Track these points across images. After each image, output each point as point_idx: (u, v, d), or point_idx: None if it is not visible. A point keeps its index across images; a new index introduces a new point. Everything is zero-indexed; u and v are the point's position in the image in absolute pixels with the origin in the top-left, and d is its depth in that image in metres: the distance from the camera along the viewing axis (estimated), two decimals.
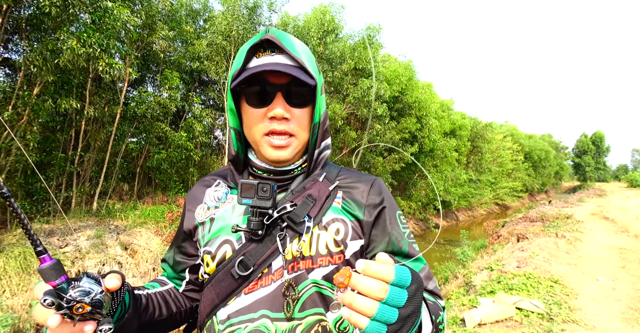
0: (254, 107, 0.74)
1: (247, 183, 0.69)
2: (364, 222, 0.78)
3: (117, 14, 5.79)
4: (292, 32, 10.47)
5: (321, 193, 0.78)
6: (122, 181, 8.97)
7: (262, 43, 0.73)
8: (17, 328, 4.03)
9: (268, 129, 0.73)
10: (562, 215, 11.45)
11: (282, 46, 0.71)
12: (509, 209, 26.29)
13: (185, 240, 0.85)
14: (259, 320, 0.70)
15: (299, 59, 0.72)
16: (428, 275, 0.77)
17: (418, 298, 0.48)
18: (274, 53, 0.73)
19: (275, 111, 0.71)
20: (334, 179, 0.82)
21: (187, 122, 9.22)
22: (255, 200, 0.69)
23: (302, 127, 0.76)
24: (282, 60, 0.73)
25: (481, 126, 22.52)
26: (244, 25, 9.33)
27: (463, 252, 7.42)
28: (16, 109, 5.45)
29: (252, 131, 0.75)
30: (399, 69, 12.40)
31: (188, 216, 0.84)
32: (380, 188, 0.82)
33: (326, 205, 0.77)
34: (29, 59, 5.17)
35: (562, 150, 57.06)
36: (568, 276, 5.14)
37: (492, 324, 3.62)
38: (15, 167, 5.90)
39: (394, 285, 0.46)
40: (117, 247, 5.88)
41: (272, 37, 0.71)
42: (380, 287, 0.45)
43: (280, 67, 0.69)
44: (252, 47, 0.73)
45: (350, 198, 0.80)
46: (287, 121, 0.73)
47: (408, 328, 0.47)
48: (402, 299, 0.46)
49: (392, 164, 13.29)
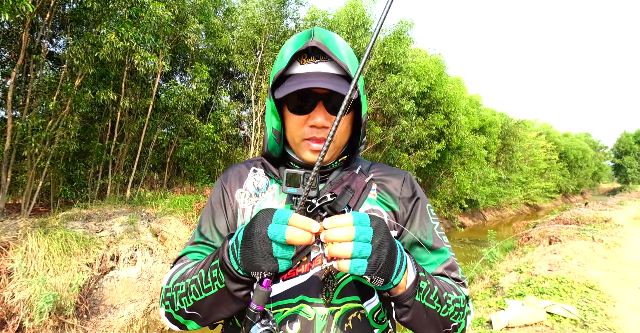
0: (295, 114, 0.76)
1: (293, 172, 0.71)
2: (399, 214, 0.81)
3: (153, 8, 5.98)
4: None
5: (358, 185, 0.80)
6: (153, 171, 9.35)
7: (307, 48, 0.73)
8: (59, 306, 4.32)
9: (308, 135, 0.75)
10: (599, 218, 10.82)
11: (330, 53, 0.71)
12: (540, 210, 25.23)
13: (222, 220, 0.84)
14: (297, 305, 0.72)
15: (345, 66, 0.71)
16: (452, 266, 0.80)
17: (382, 229, 0.57)
18: (319, 60, 0.74)
19: (316, 121, 0.73)
20: (368, 172, 0.85)
21: (214, 114, 9.44)
22: (301, 189, 0.70)
23: (341, 133, 0.78)
24: (326, 69, 0.73)
25: (513, 123, 21.59)
26: (274, 18, 9.38)
27: (490, 253, 7.20)
28: (60, 100, 5.78)
29: (292, 134, 0.78)
30: (428, 65, 12.06)
31: (227, 198, 0.85)
32: (412, 182, 0.86)
33: (363, 196, 0.80)
34: (72, 52, 5.45)
35: (601, 150, 53.72)
36: (605, 282, 4.87)
37: (521, 328, 3.50)
38: (58, 154, 6.27)
39: (358, 225, 0.55)
40: (148, 234, 6.15)
41: (318, 43, 0.71)
42: (347, 230, 0.54)
43: (324, 81, 0.69)
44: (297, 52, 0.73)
45: (385, 190, 0.83)
46: (327, 129, 0.75)
47: (386, 256, 0.56)
48: (368, 233, 0.55)
49: (417, 161, 13.03)
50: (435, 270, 0.78)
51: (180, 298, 0.69)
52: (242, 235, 0.59)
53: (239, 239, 0.59)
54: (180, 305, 0.69)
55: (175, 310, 0.71)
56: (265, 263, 0.55)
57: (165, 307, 0.73)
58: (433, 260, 0.79)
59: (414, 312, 0.63)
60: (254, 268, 0.56)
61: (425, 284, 0.65)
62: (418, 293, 0.63)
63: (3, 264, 4.35)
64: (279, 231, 0.54)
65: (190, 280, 0.68)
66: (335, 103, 0.73)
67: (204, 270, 0.66)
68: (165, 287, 0.75)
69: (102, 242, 5.40)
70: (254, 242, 0.55)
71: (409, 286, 0.62)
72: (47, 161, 5.99)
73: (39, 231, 4.83)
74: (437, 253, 0.80)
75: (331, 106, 0.74)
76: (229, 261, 0.60)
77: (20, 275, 4.32)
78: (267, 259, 0.55)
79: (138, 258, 5.62)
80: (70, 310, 4.38)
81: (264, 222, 0.56)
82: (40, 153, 5.64)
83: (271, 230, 0.54)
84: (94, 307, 4.79)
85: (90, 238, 5.32)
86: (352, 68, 0.73)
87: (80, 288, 4.65)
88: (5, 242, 4.52)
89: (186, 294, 0.68)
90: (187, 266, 0.75)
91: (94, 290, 4.94)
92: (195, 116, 8.97)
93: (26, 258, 4.48)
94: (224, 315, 0.67)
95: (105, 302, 4.94)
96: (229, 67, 10.61)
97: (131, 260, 5.55)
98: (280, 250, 0.55)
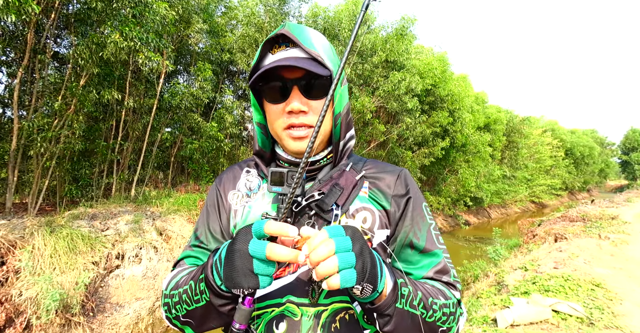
0: (273, 103, 0.75)
1: (277, 171, 0.71)
2: (391, 212, 0.79)
3: (156, 8, 6.00)
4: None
5: (348, 182, 0.78)
6: (157, 170, 9.40)
7: (277, 38, 0.74)
8: (65, 303, 4.37)
9: (287, 123, 0.74)
10: (606, 215, 10.71)
11: (296, 40, 0.71)
12: (546, 207, 25.05)
13: (216, 222, 0.85)
14: (284, 305, 0.72)
15: (313, 51, 0.71)
16: (444, 269, 0.77)
17: (358, 235, 0.57)
18: (289, 48, 0.74)
19: (292, 106, 0.72)
20: (360, 169, 0.83)
21: (217, 113, 9.47)
22: (285, 188, 0.70)
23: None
24: (296, 54, 0.73)
25: (518, 120, 21.41)
26: (275, 16, 9.36)
27: (495, 250, 7.15)
28: (65, 100, 5.82)
29: (274, 126, 0.77)
30: (432, 62, 11.99)
31: (221, 200, 0.86)
32: (406, 179, 0.83)
33: (353, 194, 0.78)
34: (77, 52, 5.48)
35: (608, 146, 53.09)
36: (612, 280, 4.82)
37: (526, 326, 3.48)
38: (63, 154, 6.32)
39: (335, 237, 0.55)
40: (153, 232, 6.19)
41: (287, 31, 0.72)
42: (326, 245, 0.53)
43: (292, 61, 0.69)
44: (267, 43, 0.74)
45: (377, 188, 0.81)
46: (305, 114, 0.73)
47: (369, 260, 0.56)
48: (347, 242, 0.55)
49: (421, 158, 12.98)
50: (426, 273, 0.76)
51: (175, 305, 0.71)
52: (225, 251, 0.59)
53: (222, 256, 0.60)
54: (176, 312, 0.71)
55: (172, 315, 0.73)
56: (245, 280, 0.55)
57: (165, 311, 0.75)
58: (424, 263, 0.77)
59: (396, 320, 0.63)
60: (235, 286, 0.56)
61: (407, 290, 0.64)
62: (400, 300, 0.62)
63: (11, 262, 4.40)
64: (259, 247, 0.54)
65: (182, 290, 0.69)
66: (309, 85, 0.72)
67: (194, 281, 0.66)
68: (164, 292, 0.76)
69: (107, 241, 5.45)
70: (235, 259, 0.56)
71: (388, 293, 0.61)
72: (52, 161, 6.04)
73: (45, 230, 4.88)
74: (429, 256, 0.77)
75: (305, 88, 0.73)
76: (212, 278, 0.61)
77: (28, 274, 4.37)
78: (248, 276, 0.55)
79: (143, 257, 5.66)
80: (76, 308, 4.42)
81: (245, 238, 0.56)
82: (46, 152, 5.69)
83: (252, 246, 0.55)
84: (100, 305, 4.84)
85: (96, 236, 5.37)
86: (324, 55, 0.73)
87: (87, 287, 4.70)
88: (12, 241, 4.57)
89: (179, 303, 0.70)
90: (181, 274, 0.76)
91: (99, 288, 4.99)
92: (199, 115, 9.00)
93: (33, 257, 4.53)
94: (216, 326, 0.68)
95: (111, 300, 4.98)
96: (232, 66, 10.62)
97: (136, 258, 5.59)
98: (261, 267, 0.55)
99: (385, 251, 0.77)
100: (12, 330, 4.02)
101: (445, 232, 14.27)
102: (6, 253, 4.45)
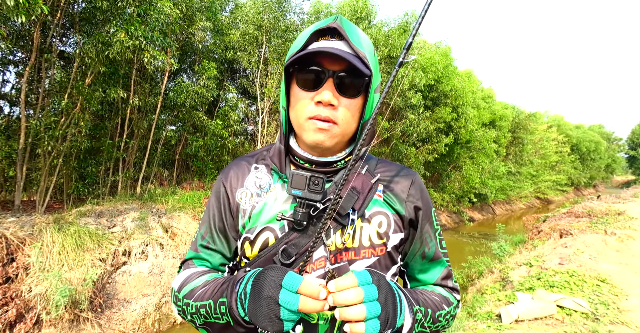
0: (303, 89, 0.73)
1: (299, 174, 0.70)
2: (405, 217, 0.80)
3: (161, 6, 6.01)
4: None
5: (364, 186, 0.78)
6: (162, 167, 9.45)
7: (326, 30, 0.72)
8: (74, 299, 4.45)
9: (313, 113, 0.71)
10: (612, 210, 10.62)
11: (345, 34, 0.70)
12: (551, 203, 24.89)
13: (221, 221, 0.83)
14: None
15: (359, 50, 0.70)
16: (448, 275, 0.84)
17: (383, 282, 0.60)
18: (334, 39, 0.72)
19: (322, 96, 0.69)
20: (374, 171, 0.82)
21: (222, 110, 9.48)
22: (306, 192, 0.69)
23: (347, 118, 0.73)
24: (341, 46, 0.71)
25: (523, 116, 21.22)
26: (274, 13, 9.32)
27: (500, 246, 7.14)
28: (71, 98, 5.87)
29: (297, 113, 0.74)
30: (435, 57, 11.90)
31: (228, 198, 0.83)
32: (420, 186, 0.84)
33: (369, 198, 0.78)
34: (84, 51, 5.52)
35: (615, 142, 52.50)
36: (618, 275, 4.80)
37: (531, 321, 3.48)
38: (70, 152, 6.39)
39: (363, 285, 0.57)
40: (158, 229, 6.25)
41: (339, 25, 0.70)
42: (355, 293, 0.56)
43: (339, 51, 0.68)
44: (316, 32, 0.72)
45: (391, 191, 0.81)
46: (333, 108, 0.71)
47: (392, 309, 0.58)
48: (374, 292, 0.57)
49: (425, 155, 12.93)
50: (435, 280, 0.83)
51: (192, 314, 0.72)
52: (250, 288, 0.60)
53: (247, 291, 0.61)
54: (191, 318, 0.72)
55: (187, 319, 0.74)
56: (271, 324, 0.57)
57: (178, 312, 0.76)
58: (433, 271, 0.83)
59: None
60: (259, 325, 0.58)
61: (420, 315, 0.68)
62: (415, 328, 0.66)
63: (20, 259, 4.48)
64: (291, 300, 0.56)
65: (199, 304, 0.70)
66: (346, 80, 0.70)
67: (213, 301, 0.67)
68: (177, 295, 0.76)
69: (114, 238, 5.51)
70: (262, 305, 0.57)
71: (408, 328, 0.65)
72: (59, 159, 6.11)
73: (53, 227, 4.95)
74: (436, 263, 0.83)
75: (340, 82, 0.70)
76: (237, 310, 0.62)
77: (37, 270, 4.44)
78: (274, 321, 0.56)
79: (149, 253, 5.73)
80: (84, 304, 4.50)
81: (275, 286, 0.57)
82: (53, 150, 5.76)
83: (283, 298, 0.56)
84: (107, 301, 4.91)
85: (103, 233, 5.44)
86: (368, 56, 0.71)
87: (94, 283, 4.77)
88: (22, 238, 4.65)
89: (196, 314, 0.70)
90: (196, 282, 0.75)
91: (107, 285, 5.06)
92: (203, 113, 9.04)
93: (42, 254, 4.61)
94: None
95: (118, 296, 5.06)
96: (235, 64, 10.63)
97: (142, 255, 5.66)
98: (288, 315, 0.56)
99: (399, 252, 0.82)
100: (23, 325, 4.10)
101: (449, 229, 14.23)
102: (16, 250, 4.53)
